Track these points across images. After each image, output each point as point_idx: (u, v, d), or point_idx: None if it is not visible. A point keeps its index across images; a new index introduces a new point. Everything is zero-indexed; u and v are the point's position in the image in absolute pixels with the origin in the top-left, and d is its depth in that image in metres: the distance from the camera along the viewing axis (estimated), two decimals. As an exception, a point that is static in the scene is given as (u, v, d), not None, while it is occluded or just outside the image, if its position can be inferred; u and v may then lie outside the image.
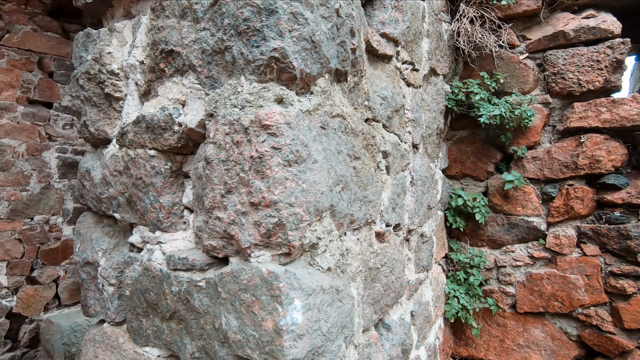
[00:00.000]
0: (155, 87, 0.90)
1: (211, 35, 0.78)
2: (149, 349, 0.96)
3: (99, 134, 1.02)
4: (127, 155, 0.95)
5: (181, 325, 0.87)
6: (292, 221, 0.71)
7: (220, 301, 0.78)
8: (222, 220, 0.76)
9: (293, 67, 0.71)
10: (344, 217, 0.88)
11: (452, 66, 1.85)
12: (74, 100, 1.07)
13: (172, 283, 0.86)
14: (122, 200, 0.98)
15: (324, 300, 0.78)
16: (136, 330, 0.97)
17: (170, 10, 0.86)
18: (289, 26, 0.70)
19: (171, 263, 0.86)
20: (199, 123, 0.82)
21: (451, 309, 1.73)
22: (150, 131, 0.89)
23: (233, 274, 0.75)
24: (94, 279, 1.05)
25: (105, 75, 0.98)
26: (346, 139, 0.92)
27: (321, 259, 0.81)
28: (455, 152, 1.91)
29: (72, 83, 1.07)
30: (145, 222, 0.93)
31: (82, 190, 1.07)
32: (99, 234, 1.07)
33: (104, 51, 0.99)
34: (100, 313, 1.06)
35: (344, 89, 0.93)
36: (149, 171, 0.90)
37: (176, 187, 0.92)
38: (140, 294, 0.94)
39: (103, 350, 1.04)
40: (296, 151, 0.72)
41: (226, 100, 0.76)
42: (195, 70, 0.81)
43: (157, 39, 0.88)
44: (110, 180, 0.99)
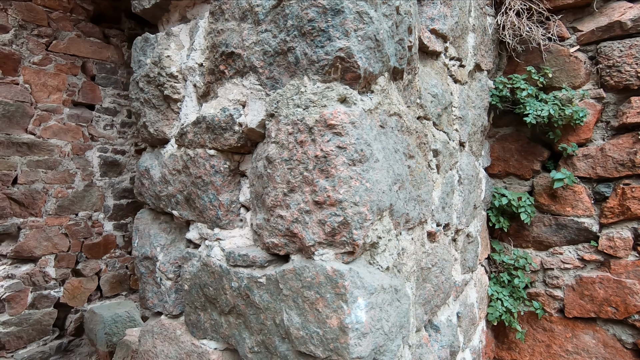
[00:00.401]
0: (215, 89, 0.93)
1: (273, 37, 0.79)
2: (206, 342, 0.99)
3: (157, 135, 1.07)
4: (186, 155, 0.98)
5: (240, 319, 0.90)
6: (357, 220, 0.71)
7: (281, 297, 0.79)
8: (284, 218, 0.78)
9: (358, 66, 0.71)
10: (400, 216, 0.88)
11: (495, 61, 1.79)
12: (133, 103, 1.12)
13: (231, 279, 0.88)
14: (180, 198, 1.01)
15: (384, 300, 0.78)
16: (194, 324, 1.01)
17: (230, 14, 0.88)
18: (355, 25, 0.70)
19: (231, 259, 0.89)
20: (259, 123, 0.83)
21: (494, 311, 1.69)
22: (210, 131, 0.92)
23: (295, 272, 0.76)
24: (152, 273, 1.10)
25: (164, 78, 1.02)
26: (402, 138, 0.91)
27: (381, 258, 0.80)
28: (498, 150, 1.85)
29: (131, 86, 1.12)
30: (204, 220, 0.96)
31: (140, 188, 1.12)
32: (157, 230, 1.11)
33: (163, 55, 1.03)
34: (158, 306, 1.10)
35: (399, 87, 0.92)
36: (209, 170, 0.93)
37: (234, 186, 0.94)
38: (199, 289, 0.97)
39: (161, 341, 1.08)
40: (360, 150, 0.72)
41: (288, 100, 0.77)
42: (256, 72, 0.83)
43: (216, 42, 0.91)
44: (169, 178, 1.03)
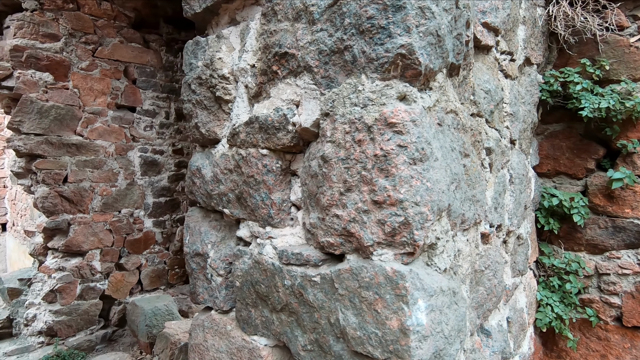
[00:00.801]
0: (267, 89, 0.94)
1: (329, 36, 0.79)
2: (257, 338, 1.01)
3: (209, 135, 1.10)
4: (237, 155, 1.01)
5: (292, 317, 0.91)
6: (418, 220, 0.70)
7: (336, 297, 0.79)
8: (340, 217, 0.77)
9: (419, 63, 0.70)
10: (457, 217, 0.85)
11: (545, 54, 1.70)
12: (184, 104, 1.16)
13: (284, 277, 0.89)
14: (231, 196, 1.04)
15: (443, 302, 0.76)
16: (245, 320, 1.03)
17: (283, 14, 0.89)
18: (416, 21, 0.69)
19: (284, 258, 0.90)
20: (313, 122, 0.84)
21: (544, 317, 1.60)
22: (263, 131, 0.93)
23: (352, 271, 0.76)
24: (203, 270, 1.14)
25: (216, 79, 1.05)
26: (458, 136, 0.88)
27: (439, 260, 0.78)
28: (547, 147, 1.76)
29: (183, 88, 1.17)
30: (255, 218, 0.98)
31: (192, 187, 1.16)
32: (207, 227, 1.15)
33: (214, 57, 1.06)
34: (209, 301, 1.14)
35: (454, 84, 0.89)
36: (261, 169, 0.94)
37: (285, 185, 0.95)
38: (250, 286, 0.99)
39: (212, 335, 1.12)
40: (421, 149, 0.70)
41: (345, 99, 0.77)
42: (311, 71, 0.83)
43: (269, 43, 0.92)
44: (221, 178, 1.06)
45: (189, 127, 1.16)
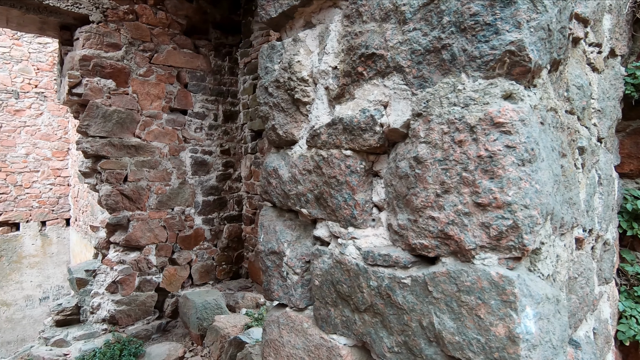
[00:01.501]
0: (351, 90, 0.95)
1: (423, 35, 0.78)
2: (335, 337, 1.02)
3: (286, 136, 1.13)
4: (317, 156, 1.02)
5: (376, 318, 0.91)
6: (528, 224, 0.67)
7: (429, 300, 0.78)
8: (437, 220, 0.76)
9: (529, 59, 0.67)
10: (557, 220, 0.81)
11: (629, 44, 1.57)
12: (261, 107, 1.20)
13: (369, 278, 0.90)
14: (310, 197, 1.06)
15: (549, 310, 0.72)
16: (324, 318, 1.04)
17: (369, 15, 0.89)
18: (528, 16, 0.66)
19: (369, 258, 0.90)
20: (404, 123, 0.83)
21: (627, 330, 1.48)
22: (347, 132, 0.94)
23: (449, 275, 0.75)
24: (278, 267, 1.17)
25: (294, 82, 1.07)
26: (557, 135, 0.83)
27: (542, 265, 0.75)
28: (629, 145, 1.62)
29: (259, 91, 1.21)
30: (336, 218, 0.99)
31: (267, 187, 1.20)
32: (282, 226, 1.18)
33: (293, 60, 1.08)
34: (283, 298, 1.17)
35: (552, 80, 0.85)
36: (344, 170, 0.95)
37: (367, 186, 0.95)
38: (331, 285, 1.00)
39: (287, 332, 1.15)
40: (531, 149, 0.67)
41: (442, 99, 0.75)
42: (402, 71, 0.82)
43: (353, 44, 0.92)
44: (299, 178, 1.08)
45: (266, 129, 1.19)
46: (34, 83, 7.08)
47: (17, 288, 6.91)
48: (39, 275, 7.09)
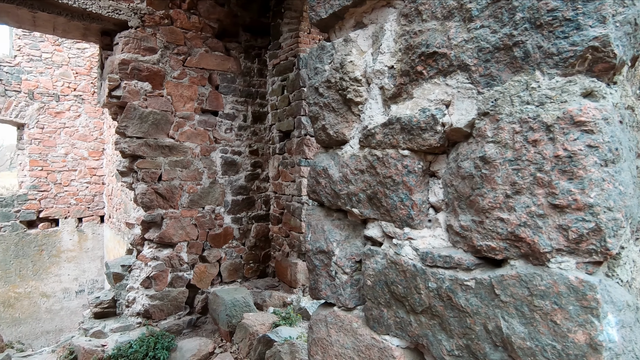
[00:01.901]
0: (409, 90, 0.94)
1: (492, 33, 0.76)
2: (388, 338, 1.01)
3: (337, 136, 1.13)
4: (371, 156, 1.02)
5: (435, 321, 0.89)
6: (611, 227, 0.64)
7: (496, 303, 0.76)
8: (506, 221, 0.74)
9: (614, 55, 0.64)
10: (635, 224, 0.77)
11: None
12: (310, 107, 1.21)
13: (428, 279, 0.89)
14: (362, 197, 1.06)
15: (630, 318, 0.69)
16: (376, 319, 1.04)
17: (429, 14, 0.88)
18: (613, 10, 0.63)
19: (428, 260, 0.89)
20: (468, 123, 0.82)
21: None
22: (405, 132, 0.93)
23: (520, 278, 0.73)
24: (327, 267, 1.18)
25: (347, 82, 1.08)
26: (633, 134, 0.80)
27: (621, 271, 0.71)
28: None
29: (309, 92, 1.22)
30: (391, 219, 0.99)
31: (315, 186, 1.21)
32: (330, 226, 1.18)
33: (345, 60, 1.08)
34: (331, 297, 1.17)
35: (627, 77, 0.81)
36: (401, 170, 0.95)
37: (424, 186, 0.94)
38: (384, 286, 1.00)
39: (336, 331, 1.15)
40: (615, 149, 0.64)
41: (513, 97, 0.74)
42: (467, 70, 0.81)
43: (412, 43, 0.92)
44: (351, 178, 1.08)
45: (315, 129, 1.21)
46: (73, 86, 7.46)
47: (55, 281, 7.31)
48: (75, 269, 7.46)
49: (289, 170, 4.56)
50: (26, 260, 6.97)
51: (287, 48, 4.53)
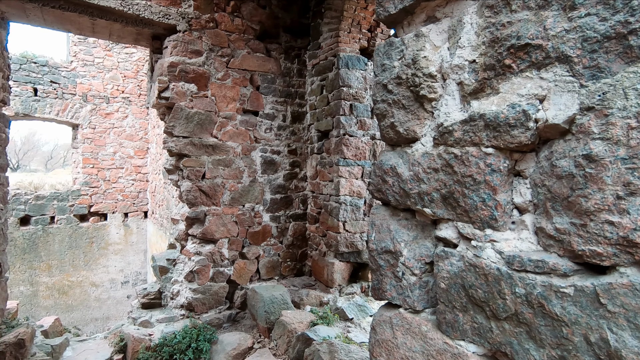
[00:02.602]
0: (494, 85, 0.90)
1: (600, 21, 0.71)
2: (463, 344, 0.97)
3: (407, 134, 1.11)
4: (447, 154, 0.99)
5: (521, 328, 0.84)
6: None
7: (601, 313, 0.71)
8: (617, 225, 0.68)
9: None
10: None
11: None
12: (378, 104, 1.19)
13: (515, 284, 0.84)
14: (436, 196, 1.03)
15: None
16: (449, 323, 1.00)
17: (520, 4, 0.84)
18: None
19: (515, 263, 0.84)
20: (567, 118, 0.76)
21: None
22: (490, 129, 0.89)
23: (635, 288, 0.67)
24: (392, 267, 1.15)
25: (420, 78, 1.05)
26: None
27: None
28: None
29: (376, 89, 1.20)
30: (469, 219, 0.95)
31: (381, 185, 1.19)
32: (397, 226, 1.16)
33: (418, 56, 1.06)
34: (397, 299, 1.15)
35: None
36: (483, 169, 0.90)
37: (508, 186, 0.90)
38: (461, 289, 0.96)
39: (402, 333, 1.12)
40: None
41: (627, 90, 0.68)
42: (567, 62, 0.76)
43: (499, 36, 0.87)
44: (423, 177, 1.05)
45: (382, 127, 1.19)
46: (121, 89, 7.94)
47: (104, 271, 7.81)
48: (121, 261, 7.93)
49: (326, 170, 4.57)
50: (78, 251, 7.50)
51: (327, 48, 4.54)
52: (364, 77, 4.48)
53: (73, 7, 3.50)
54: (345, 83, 4.30)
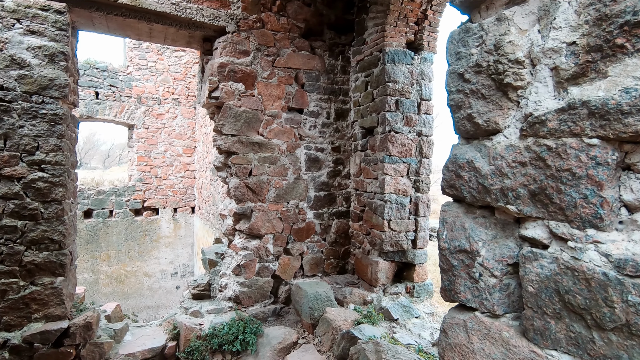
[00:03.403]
0: (600, 68, 0.80)
1: None
2: (555, 354, 0.89)
3: (487, 126, 1.03)
4: (538, 146, 0.91)
5: (633, 341, 0.75)
6: None
7: None
8: None
9: None
10: None
11: None
12: (452, 95, 1.13)
13: (627, 291, 0.75)
14: (522, 192, 0.95)
15: None
16: (538, 330, 0.92)
17: (637, -26, 0.74)
18: None
19: (627, 268, 0.75)
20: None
21: None
22: (596, 117, 0.80)
23: None
24: (467, 267, 1.09)
25: (505, 65, 0.97)
26: None
27: None
28: None
29: (450, 79, 1.14)
30: (566, 218, 0.86)
31: (455, 181, 1.12)
32: (472, 224, 1.09)
33: (502, 41, 0.98)
34: (472, 301, 1.08)
35: None
36: (585, 162, 0.82)
37: (615, 181, 0.80)
38: (554, 294, 0.88)
39: (479, 338, 1.06)
40: None
41: None
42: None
43: (608, 13, 0.78)
44: (507, 171, 0.98)
45: (457, 118, 1.12)
46: (171, 91, 8.41)
47: (155, 263, 8.34)
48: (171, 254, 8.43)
49: (371, 168, 4.50)
50: (133, 243, 8.08)
51: (372, 43, 4.46)
52: (410, 71, 4.35)
53: (133, 14, 3.73)
54: (391, 78, 4.20)
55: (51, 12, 3.18)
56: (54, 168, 3.15)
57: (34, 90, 3.10)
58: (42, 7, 3.14)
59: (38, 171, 3.12)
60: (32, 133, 3.08)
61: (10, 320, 3.03)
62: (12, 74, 3.03)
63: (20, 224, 3.07)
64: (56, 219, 3.15)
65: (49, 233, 3.14)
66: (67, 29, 3.25)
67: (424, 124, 4.47)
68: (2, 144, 3.02)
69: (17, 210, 3.05)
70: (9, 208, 3.02)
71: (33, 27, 3.11)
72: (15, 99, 3.03)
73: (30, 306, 3.11)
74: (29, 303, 3.10)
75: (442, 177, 1.14)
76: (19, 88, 3.04)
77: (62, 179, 3.19)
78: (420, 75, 4.51)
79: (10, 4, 3.00)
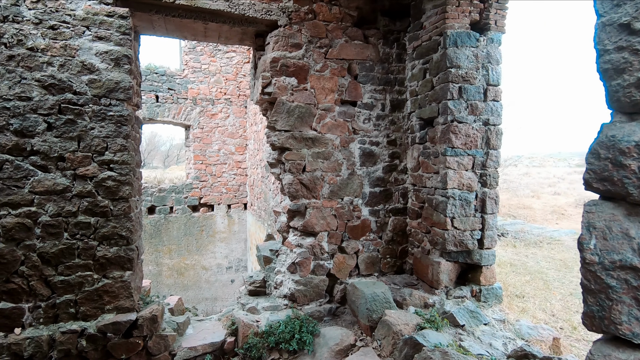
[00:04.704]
0: None
1: None
2: None
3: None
4: None
5: None
6: None
7: None
8: None
9: None
10: None
11: None
12: (609, 56, 0.86)
13: None
14: None
15: None
16: None
17: None
18: None
19: None
20: None
21: None
22: None
23: None
24: (634, 290, 0.81)
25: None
26: None
27: None
28: None
29: (603, 33, 0.87)
30: None
31: (611, 172, 0.85)
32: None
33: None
34: None
35: None
36: None
37: None
38: None
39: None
40: None
41: None
42: None
43: None
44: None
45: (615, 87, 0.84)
46: (224, 91, 8.66)
47: (211, 257, 8.71)
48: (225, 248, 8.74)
49: (430, 161, 4.16)
50: (191, 238, 8.50)
51: (431, 27, 4.09)
52: (475, 55, 3.93)
53: (189, 14, 3.78)
54: (454, 63, 3.82)
55: (116, 17, 3.30)
56: (121, 167, 3.28)
57: (102, 93, 3.24)
58: (108, 13, 3.26)
59: (107, 170, 3.27)
60: (101, 134, 3.23)
61: (86, 310, 3.22)
62: (83, 79, 3.19)
63: (93, 221, 3.24)
64: (124, 216, 3.29)
65: (118, 229, 3.29)
66: (130, 33, 3.36)
67: (492, 111, 4.02)
68: (77, 145, 3.20)
69: (90, 207, 3.22)
70: (83, 205, 3.20)
71: (100, 33, 3.25)
72: (86, 102, 3.19)
73: (103, 298, 3.28)
74: (102, 295, 3.28)
75: (587, 168, 0.86)
76: (90, 92, 3.20)
77: (128, 177, 3.32)
78: (487, 59, 4.05)
79: (80, 12, 3.16)
